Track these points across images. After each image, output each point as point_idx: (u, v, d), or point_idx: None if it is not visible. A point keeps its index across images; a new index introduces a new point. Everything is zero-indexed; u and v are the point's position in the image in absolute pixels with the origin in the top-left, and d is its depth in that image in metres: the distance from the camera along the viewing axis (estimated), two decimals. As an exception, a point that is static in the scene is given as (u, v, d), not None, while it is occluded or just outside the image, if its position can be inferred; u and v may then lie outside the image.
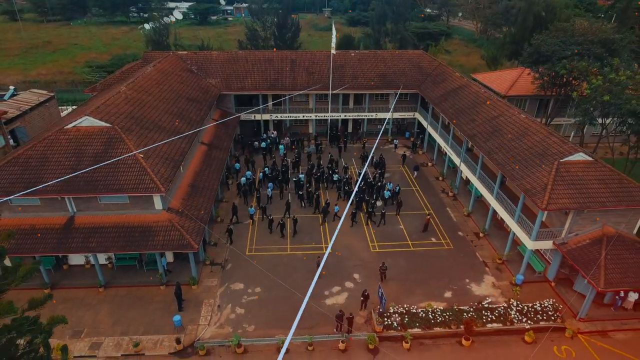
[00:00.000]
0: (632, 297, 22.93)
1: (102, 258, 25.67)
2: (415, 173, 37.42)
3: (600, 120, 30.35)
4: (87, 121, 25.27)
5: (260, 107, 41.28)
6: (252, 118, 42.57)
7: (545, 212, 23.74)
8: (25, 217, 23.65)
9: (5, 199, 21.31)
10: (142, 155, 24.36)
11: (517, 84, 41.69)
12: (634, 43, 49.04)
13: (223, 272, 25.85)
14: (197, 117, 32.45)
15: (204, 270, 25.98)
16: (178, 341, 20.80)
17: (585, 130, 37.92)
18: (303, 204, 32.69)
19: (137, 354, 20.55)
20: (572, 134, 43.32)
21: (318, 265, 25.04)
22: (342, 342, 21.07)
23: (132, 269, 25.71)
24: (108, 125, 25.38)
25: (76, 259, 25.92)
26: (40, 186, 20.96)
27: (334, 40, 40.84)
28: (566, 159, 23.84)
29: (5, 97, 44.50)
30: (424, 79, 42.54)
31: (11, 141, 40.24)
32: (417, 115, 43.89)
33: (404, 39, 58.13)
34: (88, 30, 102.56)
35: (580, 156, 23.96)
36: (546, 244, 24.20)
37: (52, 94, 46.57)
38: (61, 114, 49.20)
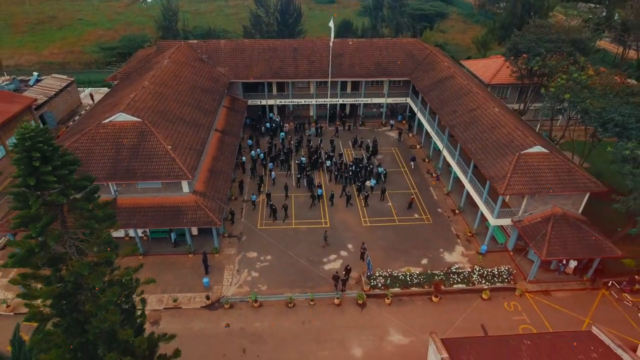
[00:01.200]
0: (572, 264, 28.36)
1: (138, 231, 30.82)
2: (413, 164, 40.89)
3: (566, 106, 34.37)
4: (122, 117, 29.68)
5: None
6: (258, 103, 46.74)
7: (507, 196, 28.68)
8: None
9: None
10: (169, 147, 29.02)
11: (501, 72, 45.49)
12: (618, 26, 52.05)
13: (239, 243, 31.15)
14: (211, 108, 36.75)
15: (224, 241, 31.25)
16: (207, 298, 26.37)
17: (560, 117, 42.10)
18: (298, 184, 37.34)
19: (175, 307, 26.16)
20: (540, 121, 47.28)
21: (325, 238, 30.61)
22: (337, 298, 26.64)
23: (164, 241, 30.99)
24: (139, 120, 29.82)
25: (116, 232, 31.06)
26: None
27: (332, 33, 44.07)
28: (526, 150, 28.52)
29: (31, 83, 48.45)
30: (415, 67, 46.28)
31: (41, 125, 44.66)
32: (409, 101, 47.96)
33: (399, 24, 61.11)
34: (90, 3, 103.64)
35: (537, 148, 28.60)
36: (506, 221, 29.34)
37: (72, 79, 50.52)
38: (80, 95, 53.29)
